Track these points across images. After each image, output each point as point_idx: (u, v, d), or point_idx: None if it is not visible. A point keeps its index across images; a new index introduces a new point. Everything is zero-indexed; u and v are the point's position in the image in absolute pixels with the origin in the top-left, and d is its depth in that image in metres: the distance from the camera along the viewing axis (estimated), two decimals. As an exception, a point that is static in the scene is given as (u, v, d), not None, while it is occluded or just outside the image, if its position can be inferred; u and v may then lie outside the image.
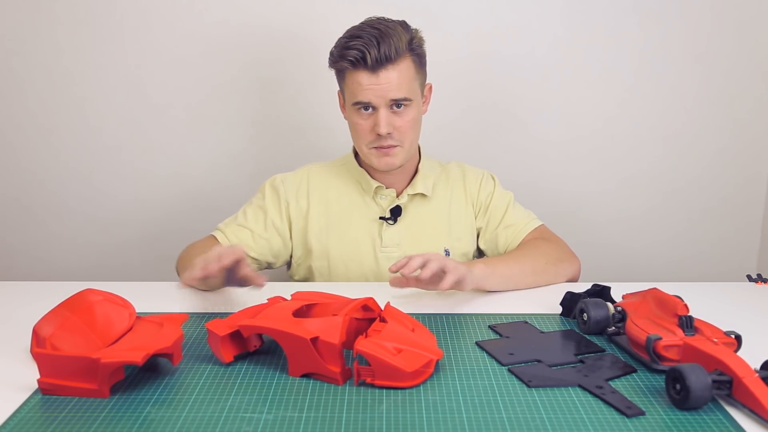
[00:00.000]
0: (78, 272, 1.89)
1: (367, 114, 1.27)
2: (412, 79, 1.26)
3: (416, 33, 1.28)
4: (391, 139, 1.27)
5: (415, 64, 1.27)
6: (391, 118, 1.26)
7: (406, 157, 1.31)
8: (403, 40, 1.23)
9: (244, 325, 0.89)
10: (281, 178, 1.40)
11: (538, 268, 1.24)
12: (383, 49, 1.21)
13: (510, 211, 1.39)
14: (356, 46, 1.22)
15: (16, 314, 1.08)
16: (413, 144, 1.32)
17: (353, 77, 1.24)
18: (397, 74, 1.23)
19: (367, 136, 1.28)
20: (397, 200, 1.36)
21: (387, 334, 0.88)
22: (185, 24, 1.76)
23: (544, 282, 1.25)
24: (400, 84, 1.23)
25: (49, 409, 0.79)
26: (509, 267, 1.22)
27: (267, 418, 0.77)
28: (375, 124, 1.26)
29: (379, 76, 1.22)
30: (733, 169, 1.88)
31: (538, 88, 1.81)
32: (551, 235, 1.38)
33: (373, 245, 1.36)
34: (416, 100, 1.28)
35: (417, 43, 1.27)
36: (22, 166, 1.85)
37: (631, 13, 1.77)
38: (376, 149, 1.29)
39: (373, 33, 1.22)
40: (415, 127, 1.30)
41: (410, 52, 1.25)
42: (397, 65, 1.23)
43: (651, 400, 0.81)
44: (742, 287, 1.26)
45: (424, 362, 0.85)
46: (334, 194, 1.38)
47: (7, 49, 1.77)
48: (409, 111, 1.27)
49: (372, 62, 1.21)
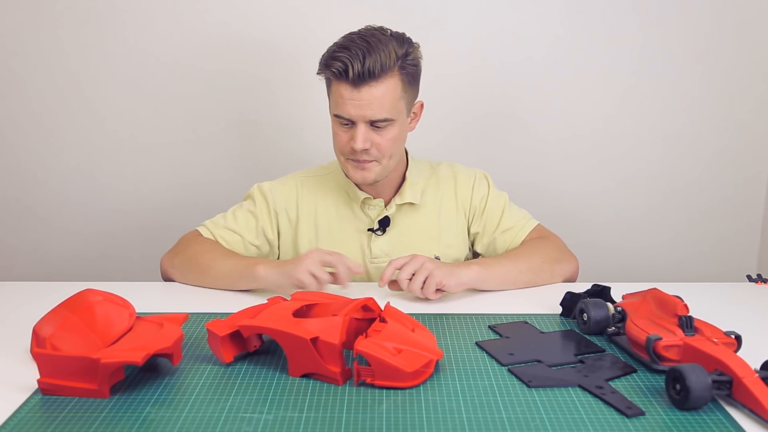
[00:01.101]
0: (78, 272, 1.89)
1: (346, 127, 1.23)
2: (397, 98, 1.21)
3: (413, 49, 1.22)
4: (367, 154, 1.23)
5: (403, 82, 1.21)
6: (370, 134, 1.21)
7: (382, 172, 1.27)
8: (392, 57, 1.17)
9: (244, 325, 0.89)
10: (269, 186, 1.36)
11: (534, 266, 1.24)
12: (368, 64, 1.15)
13: (506, 214, 1.37)
14: (341, 57, 1.16)
15: (16, 314, 1.08)
16: (393, 159, 1.27)
17: (336, 88, 1.20)
18: (380, 92, 1.18)
19: (344, 147, 1.24)
20: (386, 210, 1.34)
21: (387, 334, 0.88)
22: (186, 24, 1.76)
23: (541, 281, 1.25)
24: (381, 105, 1.18)
25: (49, 409, 0.79)
26: (504, 266, 1.21)
27: (267, 418, 0.77)
28: (352, 138, 1.21)
29: (361, 91, 1.17)
30: (733, 169, 1.88)
31: (538, 88, 1.81)
32: (548, 233, 1.37)
33: (363, 256, 1.34)
34: (400, 120, 1.23)
35: (411, 60, 1.21)
36: (23, 166, 1.85)
37: (631, 13, 1.77)
38: (352, 161, 1.25)
39: (361, 46, 1.16)
40: (395, 144, 1.25)
41: (400, 70, 1.19)
42: (382, 82, 1.17)
43: (651, 400, 0.81)
44: (742, 287, 1.26)
45: (424, 362, 0.85)
46: (323, 205, 1.36)
47: (7, 49, 1.77)
48: (390, 130, 1.22)
49: (354, 77, 1.16)
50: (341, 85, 1.19)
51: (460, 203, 1.38)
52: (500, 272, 1.20)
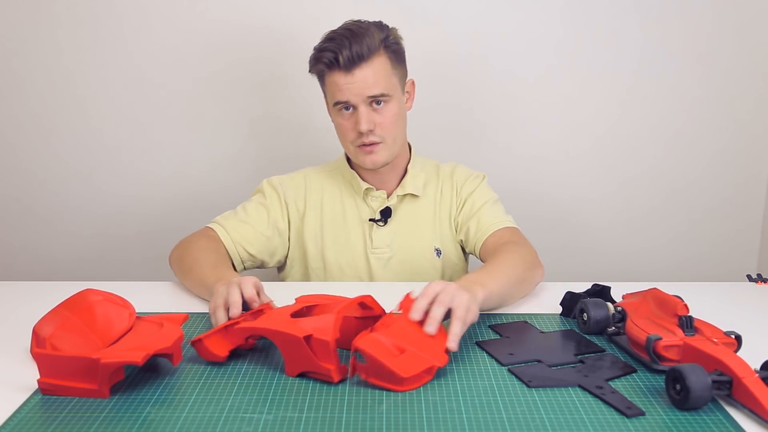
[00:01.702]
0: (78, 272, 1.89)
1: (348, 114, 1.28)
2: (389, 74, 1.27)
3: (392, 31, 1.30)
4: (373, 135, 1.27)
5: (390, 60, 1.27)
6: (371, 115, 1.26)
7: (390, 153, 1.31)
8: (375, 38, 1.24)
9: (240, 327, 0.89)
10: (278, 180, 1.40)
11: (520, 275, 1.15)
12: (355, 49, 1.22)
13: (487, 207, 1.35)
14: (329, 48, 1.24)
15: (16, 314, 1.08)
16: (397, 140, 1.32)
17: (331, 79, 1.26)
18: (372, 71, 1.24)
19: (350, 135, 1.29)
20: (387, 201, 1.37)
21: (396, 329, 0.87)
22: (185, 24, 1.76)
23: (526, 292, 1.18)
24: (376, 80, 1.24)
25: (49, 409, 0.79)
26: (498, 282, 1.09)
27: (267, 418, 0.77)
28: (356, 122, 1.26)
29: (354, 74, 1.23)
30: (734, 169, 1.88)
31: (538, 88, 1.81)
32: (524, 240, 1.30)
33: (365, 247, 1.36)
34: (396, 96, 1.29)
35: (392, 39, 1.28)
36: (22, 166, 1.86)
37: (631, 13, 1.77)
38: (360, 147, 1.29)
39: (344, 34, 1.24)
40: (397, 122, 1.30)
41: (385, 49, 1.26)
42: (371, 62, 1.24)
43: (651, 400, 0.81)
44: (742, 287, 1.26)
45: (423, 367, 0.84)
46: (328, 197, 1.39)
47: (7, 49, 1.77)
48: (389, 107, 1.27)
49: (345, 62, 1.22)
50: (334, 74, 1.25)
51: (454, 196, 1.39)
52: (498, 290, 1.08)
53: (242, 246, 1.31)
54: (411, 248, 1.37)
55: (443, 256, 1.39)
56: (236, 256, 1.31)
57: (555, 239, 1.90)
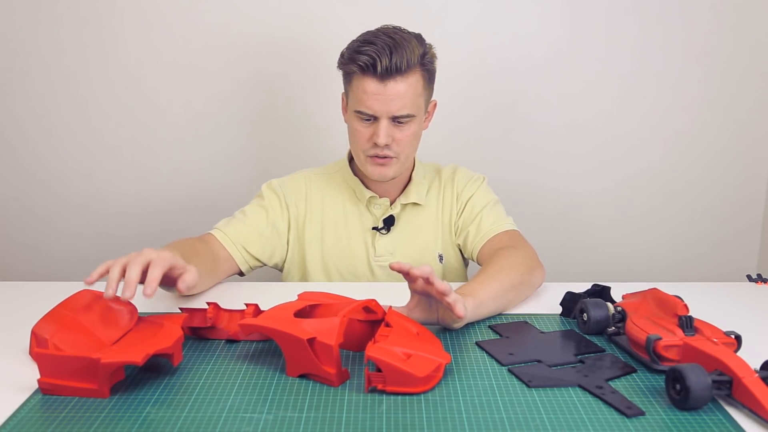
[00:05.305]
0: (78, 272, 1.89)
1: (367, 123, 1.25)
2: (419, 95, 1.24)
3: (429, 48, 1.25)
4: (389, 150, 1.25)
5: (424, 79, 1.24)
6: (392, 129, 1.23)
7: (400, 170, 1.30)
8: (416, 54, 1.20)
9: (243, 324, 0.89)
10: (278, 182, 1.38)
11: (515, 281, 1.14)
12: (395, 60, 1.18)
13: (486, 211, 1.35)
14: (368, 51, 1.19)
15: (16, 314, 1.08)
16: (409, 158, 1.30)
17: (360, 83, 1.22)
18: (405, 87, 1.20)
19: (364, 144, 1.26)
20: (391, 210, 1.35)
21: (395, 339, 0.87)
22: (186, 25, 1.76)
23: (526, 295, 1.17)
24: (405, 99, 1.21)
25: (49, 409, 0.79)
26: (490, 290, 1.08)
27: (267, 418, 0.77)
28: (374, 134, 1.23)
29: (387, 86, 1.20)
30: (733, 169, 1.88)
31: (538, 88, 1.82)
32: (523, 243, 1.29)
33: (367, 255, 1.36)
34: (419, 116, 1.26)
35: (429, 58, 1.24)
36: (22, 166, 1.86)
37: (631, 13, 1.77)
38: (372, 158, 1.27)
39: (387, 42, 1.19)
40: (414, 141, 1.28)
41: (421, 67, 1.23)
42: (407, 78, 1.20)
43: (651, 400, 0.81)
44: (742, 287, 1.26)
45: (434, 367, 0.84)
46: (330, 202, 1.37)
47: (8, 49, 1.77)
48: (410, 126, 1.25)
49: (382, 71, 1.18)
50: (366, 79, 1.21)
51: (454, 200, 1.39)
52: (490, 297, 1.07)
53: (243, 246, 1.31)
54: (414, 255, 1.36)
55: (445, 262, 1.38)
56: (239, 257, 1.30)
57: (555, 239, 1.90)
